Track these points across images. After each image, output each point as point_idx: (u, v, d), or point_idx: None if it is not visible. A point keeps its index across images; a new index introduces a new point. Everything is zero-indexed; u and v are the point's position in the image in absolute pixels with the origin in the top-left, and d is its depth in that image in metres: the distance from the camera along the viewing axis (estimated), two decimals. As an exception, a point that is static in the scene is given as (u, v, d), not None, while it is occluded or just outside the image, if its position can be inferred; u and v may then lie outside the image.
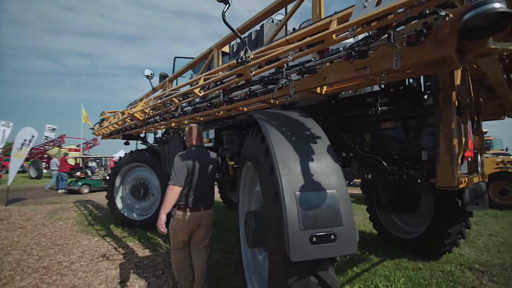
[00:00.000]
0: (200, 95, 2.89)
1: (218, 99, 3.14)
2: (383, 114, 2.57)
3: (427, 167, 2.50)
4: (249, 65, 2.16)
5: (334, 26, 1.60)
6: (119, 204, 5.72)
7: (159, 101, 3.71)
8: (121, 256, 3.97)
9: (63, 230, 5.43)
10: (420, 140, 2.55)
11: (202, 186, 2.86)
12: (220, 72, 2.82)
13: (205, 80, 2.93)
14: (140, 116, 4.63)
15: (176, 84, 5.21)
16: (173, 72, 5.47)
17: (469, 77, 2.49)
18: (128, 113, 4.50)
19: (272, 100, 2.76)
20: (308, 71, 2.04)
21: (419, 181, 3.38)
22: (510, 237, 5.04)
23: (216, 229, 5.06)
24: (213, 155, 3.12)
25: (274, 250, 1.67)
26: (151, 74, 4.95)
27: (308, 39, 1.77)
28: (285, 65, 2.14)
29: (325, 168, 1.57)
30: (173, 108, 3.93)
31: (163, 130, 6.32)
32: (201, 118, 4.02)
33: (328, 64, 2.01)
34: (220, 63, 3.57)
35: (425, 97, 2.56)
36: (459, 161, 2.18)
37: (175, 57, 5.51)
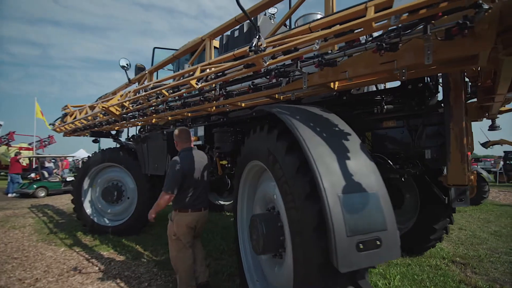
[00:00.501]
0: (197, 87, 2.61)
1: (213, 92, 2.90)
2: (388, 112, 2.54)
3: (432, 165, 2.52)
4: (264, 55, 1.96)
5: (371, 13, 1.47)
6: (87, 209, 5.13)
7: (143, 93, 3.33)
8: (96, 268, 3.51)
9: (19, 241, 4.71)
10: (424, 139, 2.57)
11: (200, 187, 2.81)
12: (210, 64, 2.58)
13: (202, 71, 2.67)
14: (117, 110, 4.16)
15: (157, 77, 4.81)
16: (152, 63, 5.05)
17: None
18: (102, 107, 4.01)
19: (277, 95, 2.60)
20: (328, 63, 1.90)
21: (403, 179, 3.48)
22: (477, 230, 5.46)
23: (200, 233, 4.78)
24: (204, 154, 3.07)
25: (304, 257, 1.50)
26: (127, 64, 4.48)
27: (338, 27, 1.62)
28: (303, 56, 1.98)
29: (362, 167, 1.45)
30: (154, 103, 3.57)
31: (139, 127, 5.84)
32: (189, 114, 3.72)
33: (346, 57, 1.92)
34: (213, 55, 3.31)
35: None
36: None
37: (155, 48, 5.08)
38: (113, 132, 5.94)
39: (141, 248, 4.29)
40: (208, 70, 2.68)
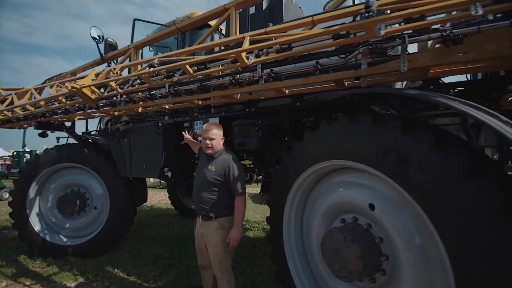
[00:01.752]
0: (250, 63, 1.98)
1: (251, 74, 2.30)
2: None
3: None
4: (380, 20, 1.49)
5: None
6: (36, 225, 3.87)
7: (149, 69, 2.50)
8: (70, 309, 2.53)
9: None
10: (484, 137, 2.43)
11: None
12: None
13: (252, 42, 2.05)
14: (92, 93, 3.16)
15: (142, 55, 3.89)
16: (132, 38, 4.06)
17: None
18: (73, 88, 2.97)
19: (345, 80, 2.13)
20: (455, 38, 1.53)
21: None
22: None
23: (186, 245, 4.00)
24: None
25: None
26: (99, 36, 3.50)
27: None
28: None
29: None
30: (160, 84, 2.76)
31: (105, 119, 4.73)
32: (200, 102, 2.99)
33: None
34: (238, 27, 2.66)
35: None
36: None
37: (135, 19, 4.09)
38: (68, 124, 4.66)
39: (122, 271, 3.34)
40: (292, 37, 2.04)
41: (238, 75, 2.43)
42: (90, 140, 4.20)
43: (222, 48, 2.51)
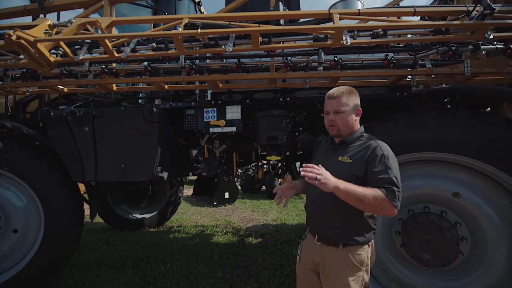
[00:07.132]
0: (347, 43, 1.72)
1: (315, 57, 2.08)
2: None
3: None
4: (492, 24, 1.59)
5: None
6: None
7: (178, 30, 1.81)
8: None
9: None
10: None
11: None
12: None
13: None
14: (50, 54, 2.06)
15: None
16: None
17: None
18: (20, 39, 1.83)
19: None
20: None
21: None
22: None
23: (152, 264, 3.22)
24: None
25: None
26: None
27: None
28: None
29: None
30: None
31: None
32: (221, 85, 2.44)
33: None
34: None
35: None
36: None
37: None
38: None
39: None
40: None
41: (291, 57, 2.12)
42: (6, 129, 2.71)
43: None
